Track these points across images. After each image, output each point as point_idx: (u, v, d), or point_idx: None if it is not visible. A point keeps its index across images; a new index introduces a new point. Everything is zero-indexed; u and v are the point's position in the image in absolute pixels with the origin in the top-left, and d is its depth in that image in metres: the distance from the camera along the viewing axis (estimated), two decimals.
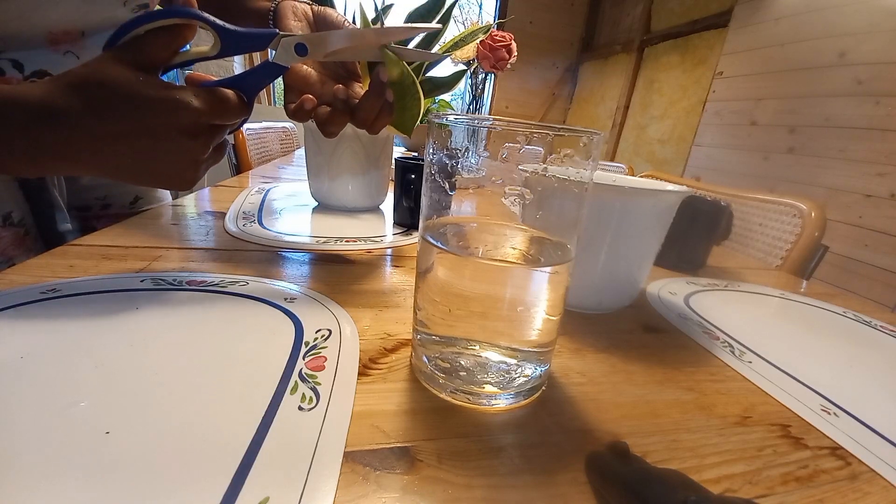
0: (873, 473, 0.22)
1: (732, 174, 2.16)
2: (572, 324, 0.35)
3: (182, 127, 0.28)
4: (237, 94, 0.31)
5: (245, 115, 0.32)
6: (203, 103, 0.28)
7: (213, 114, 0.29)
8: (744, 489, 0.20)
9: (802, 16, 1.89)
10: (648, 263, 0.39)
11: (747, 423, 0.25)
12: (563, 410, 0.24)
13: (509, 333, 0.25)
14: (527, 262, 0.25)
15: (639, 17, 2.93)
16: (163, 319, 0.28)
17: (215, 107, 0.29)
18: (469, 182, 0.23)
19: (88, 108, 0.26)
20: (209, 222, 0.52)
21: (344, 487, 0.17)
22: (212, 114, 0.29)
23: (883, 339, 0.41)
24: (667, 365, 0.31)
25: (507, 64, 1.19)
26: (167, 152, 0.28)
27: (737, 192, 0.94)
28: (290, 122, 1.71)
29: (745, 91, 2.13)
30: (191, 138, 0.29)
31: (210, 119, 0.29)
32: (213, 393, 0.22)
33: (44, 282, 0.31)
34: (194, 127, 0.28)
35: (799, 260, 0.75)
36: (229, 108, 0.30)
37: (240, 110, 0.31)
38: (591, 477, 0.19)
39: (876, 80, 1.60)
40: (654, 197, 0.35)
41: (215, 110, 0.29)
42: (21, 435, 0.18)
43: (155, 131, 0.27)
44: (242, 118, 0.32)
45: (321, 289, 0.36)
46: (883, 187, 1.56)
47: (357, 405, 0.22)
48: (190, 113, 0.27)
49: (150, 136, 0.27)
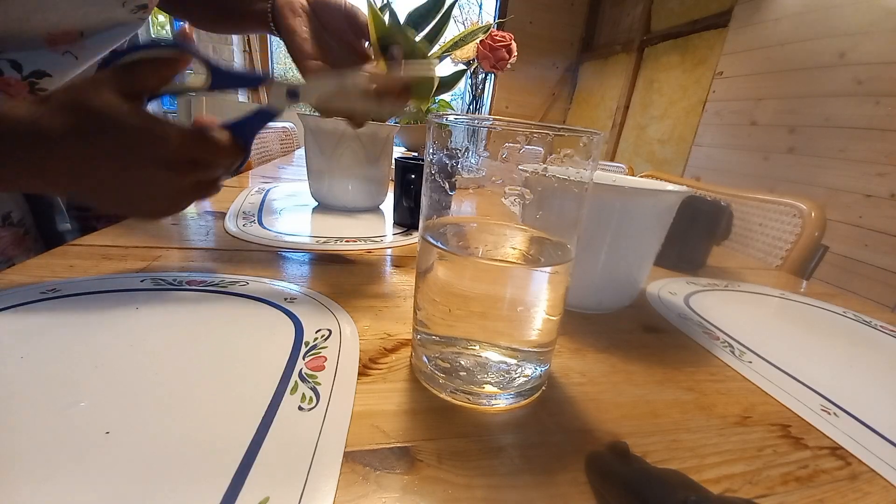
0: (873, 473, 0.22)
1: (732, 174, 2.16)
2: (572, 324, 0.35)
3: (159, 159, 0.28)
4: (230, 137, 0.31)
5: (238, 157, 0.32)
6: (185, 139, 0.28)
7: (195, 151, 0.29)
8: (744, 489, 0.20)
9: (802, 16, 1.89)
10: (648, 263, 0.39)
11: (747, 423, 0.25)
12: (563, 410, 0.24)
13: (509, 333, 0.25)
14: (527, 262, 0.25)
15: (639, 17, 2.93)
16: (163, 319, 0.28)
17: (198, 145, 0.29)
18: (469, 182, 0.23)
19: (71, 131, 0.26)
20: (209, 222, 0.52)
21: (344, 487, 0.17)
22: (193, 151, 0.29)
23: (883, 339, 0.41)
24: (667, 365, 0.31)
25: (507, 64, 1.19)
26: (141, 182, 0.29)
27: (737, 192, 0.94)
28: (290, 122, 1.71)
29: (745, 91, 2.13)
30: (167, 171, 0.29)
31: (191, 155, 0.29)
32: (213, 393, 0.22)
33: (44, 282, 0.31)
34: (172, 161, 0.28)
35: (799, 260, 0.75)
36: (216, 148, 0.30)
37: (231, 152, 0.31)
38: (591, 477, 0.19)
39: (876, 80, 1.60)
40: (654, 197, 0.35)
41: (198, 148, 0.29)
42: (21, 435, 0.18)
43: (132, 160, 0.28)
44: (237, 160, 0.33)
45: (321, 289, 0.36)
46: (883, 187, 1.56)
47: (357, 405, 0.22)
48: (169, 146, 0.28)
49: (126, 163, 0.28)
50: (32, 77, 0.38)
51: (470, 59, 1.22)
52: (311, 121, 0.60)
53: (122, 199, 0.30)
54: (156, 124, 0.27)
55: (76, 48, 0.39)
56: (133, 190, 0.29)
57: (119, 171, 0.28)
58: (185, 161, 0.29)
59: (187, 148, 0.29)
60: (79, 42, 0.39)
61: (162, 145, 0.27)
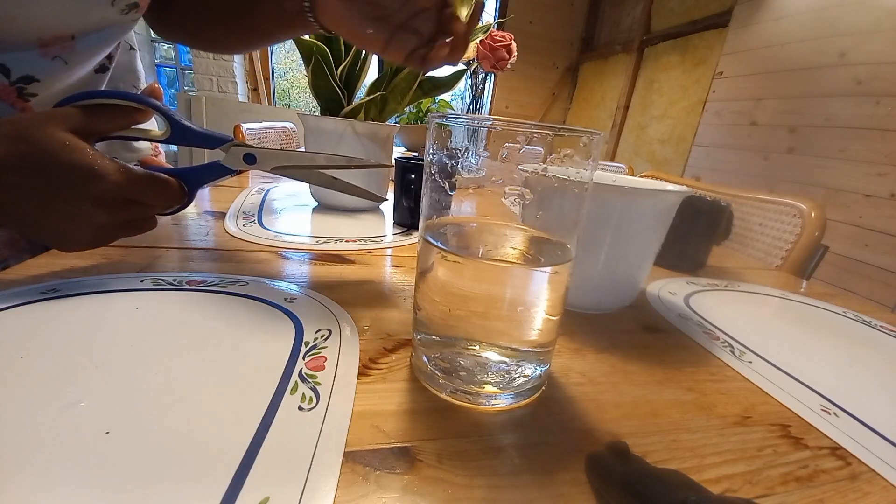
0: (873, 473, 0.22)
1: (732, 174, 2.16)
2: (572, 324, 0.35)
3: (90, 195, 0.28)
4: (177, 182, 0.33)
5: (180, 202, 0.34)
6: (123, 179, 0.29)
7: (132, 192, 0.30)
8: (744, 489, 0.20)
9: (802, 16, 1.89)
10: (648, 263, 0.39)
11: (747, 423, 0.25)
12: (563, 410, 0.24)
13: (509, 333, 0.25)
14: (527, 262, 0.25)
15: (639, 17, 2.93)
16: (163, 319, 0.28)
17: (137, 187, 0.30)
18: (469, 182, 0.23)
19: (8, 159, 0.27)
20: (209, 222, 0.52)
21: (344, 487, 0.17)
22: (130, 191, 0.30)
23: (883, 339, 0.41)
24: (667, 365, 0.31)
25: (507, 64, 1.19)
26: (69, 216, 0.29)
27: (737, 192, 0.94)
28: (290, 122, 1.71)
29: (745, 91, 2.13)
30: (97, 208, 0.29)
31: (126, 195, 0.30)
32: (213, 393, 0.22)
33: (44, 282, 0.31)
34: (104, 199, 0.29)
35: (799, 260, 0.75)
36: (157, 191, 0.32)
37: (173, 196, 0.33)
38: (591, 477, 0.19)
39: (876, 80, 1.60)
40: (654, 197, 0.35)
41: (136, 189, 0.30)
42: (21, 435, 0.18)
43: (63, 195, 0.28)
44: (178, 205, 0.34)
45: (321, 289, 0.36)
46: (883, 187, 1.56)
47: (357, 405, 0.22)
48: (103, 184, 0.28)
49: (56, 197, 0.28)
50: (21, 82, 0.38)
51: (470, 59, 1.22)
52: (312, 120, 0.60)
53: (45, 229, 0.30)
54: (95, 162, 0.28)
55: (67, 52, 0.38)
56: (59, 222, 0.29)
57: (48, 203, 0.28)
58: (118, 200, 0.30)
59: (123, 188, 0.29)
60: (70, 45, 0.38)
61: (97, 184, 0.28)
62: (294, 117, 2.47)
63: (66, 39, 0.38)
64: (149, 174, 0.31)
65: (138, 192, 0.31)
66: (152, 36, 3.46)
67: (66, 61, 0.39)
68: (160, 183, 0.32)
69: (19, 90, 0.38)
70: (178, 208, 0.34)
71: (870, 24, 1.63)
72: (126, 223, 0.32)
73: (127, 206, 0.31)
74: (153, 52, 3.47)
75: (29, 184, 0.28)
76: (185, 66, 3.44)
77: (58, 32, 0.37)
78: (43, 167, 0.27)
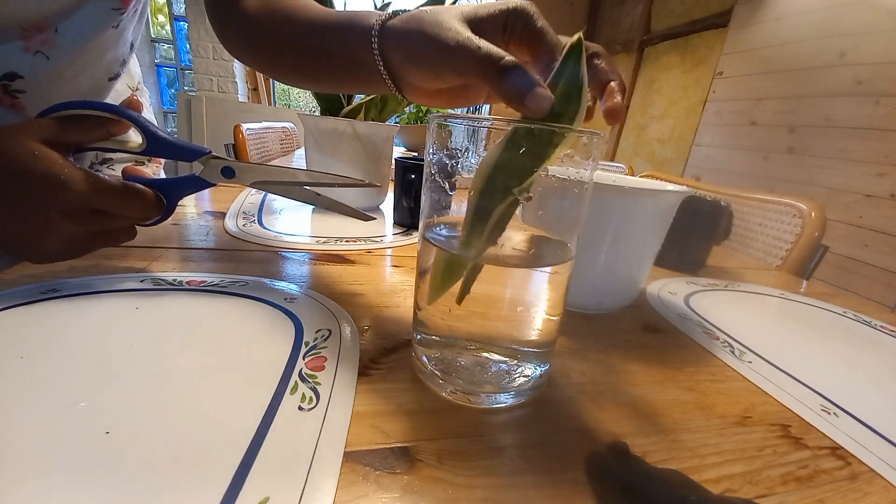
0: (873, 473, 0.22)
1: (732, 174, 2.16)
2: (572, 324, 0.35)
3: (57, 204, 0.28)
4: (153, 194, 0.32)
5: (157, 214, 0.33)
6: (90, 189, 0.29)
7: (101, 202, 0.30)
8: (744, 489, 0.20)
9: (802, 16, 1.89)
10: (648, 263, 0.39)
11: (747, 423, 0.25)
12: (563, 410, 0.24)
13: (509, 333, 0.25)
14: (527, 262, 0.25)
15: (639, 17, 2.93)
16: (163, 319, 0.28)
17: (106, 197, 0.30)
18: (469, 182, 0.23)
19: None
20: (209, 222, 0.52)
21: (344, 487, 0.17)
22: (98, 201, 0.29)
23: (883, 339, 0.41)
24: (667, 365, 0.31)
25: None
26: (34, 224, 0.29)
27: (737, 192, 0.94)
28: (290, 122, 1.71)
29: (745, 91, 2.13)
30: (62, 217, 0.28)
31: (94, 205, 0.29)
32: (213, 393, 0.22)
33: (44, 282, 0.31)
34: (70, 208, 0.28)
35: (799, 260, 0.75)
36: (128, 202, 0.31)
37: (147, 207, 0.32)
38: (591, 477, 0.19)
39: (876, 80, 1.60)
40: (654, 197, 0.35)
41: (105, 200, 0.30)
42: (21, 435, 0.18)
43: (28, 202, 0.28)
44: (156, 217, 0.33)
45: (321, 289, 0.36)
46: (883, 187, 1.56)
47: (357, 405, 0.22)
48: (71, 194, 0.28)
49: (21, 204, 0.28)
50: (5, 79, 0.38)
51: None
52: (312, 121, 0.60)
53: (12, 238, 0.30)
54: (62, 172, 0.28)
55: (48, 47, 0.38)
56: (26, 232, 0.29)
57: (14, 212, 0.28)
58: (85, 210, 0.29)
59: (90, 198, 0.29)
60: (53, 40, 0.38)
61: (63, 193, 0.28)
62: (294, 117, 2.47)
63: (48, 31, 0.37)
64: (122, 184, 0.31)
65: (107, 202, 0.30)
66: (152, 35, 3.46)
67: (48, 56, 0.39)
68: (132, 193, 0.31)
69: (5, 87, 0.38)
70: (157, 220, 0.34)
71: (870, 24, 1.63)
72: (98, 234, 0.31)
73: (96, 217, 0.30)
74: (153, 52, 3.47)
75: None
76: (185, 66, 3.45)
77: (38, 21, 0.36)
78: (10, 175, 0.27)
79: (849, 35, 1.69)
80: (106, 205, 0.30)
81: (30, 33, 0.37)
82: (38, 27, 0.37)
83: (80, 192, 0.28)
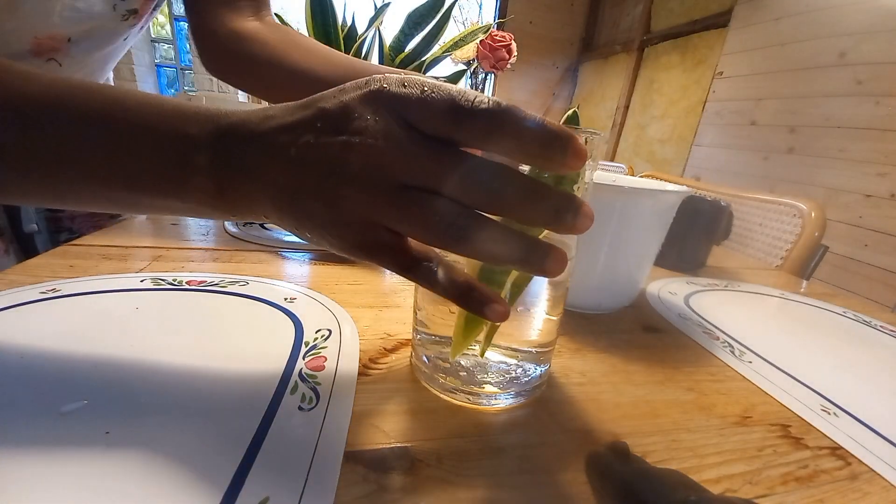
0: (873, 473, 0.22)
1: (732, 174, 2.16)
2: (572, 324, 0.35)
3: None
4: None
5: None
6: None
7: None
8: (744, 489, 0.20)
9: (802, 16, 1.89)
10: (648, 263, 0.39)
11: (747, 423, 0.25)
12: (563, 410, 0.24)
13: (509, 333, 0.25)
14: None
15: (639, 17, 2.93)
16: (163, 319, 0.28)
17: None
18: None
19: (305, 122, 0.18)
20: (209, 222, 0.52)
21: (344, 487, 0.17)
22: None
23: (883, 339, 0.41)
24: (667, 365, 0.31)
25: (507, 64, 1.19)
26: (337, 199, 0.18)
27: (737, 192, 0.94)
28: None
29: (745, 91, 2.13)
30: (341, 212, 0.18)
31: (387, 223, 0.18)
32: (213, 393, 0.22)
33: (44, 282, 0.31)
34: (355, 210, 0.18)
35: (799, 260, 0.75)
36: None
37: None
38: (591, 477, 0.19)
39: (876, 80, 1.60)
40: (654, 197, 0.35)
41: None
42: (21, 435, 0.18)
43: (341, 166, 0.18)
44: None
45: (321, 289, 0.36)
46: (883, 187, 1.56)
47: (357, 405, 0.22)
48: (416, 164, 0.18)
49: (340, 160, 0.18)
50: None
51: (470, 59, 1.21)
52: None
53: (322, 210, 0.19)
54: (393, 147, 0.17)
55: (61, 55, 0.38)
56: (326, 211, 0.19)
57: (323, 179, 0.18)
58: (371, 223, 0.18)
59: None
60: (65, 47, 0.38)
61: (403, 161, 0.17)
62: None
63: (61, 41, 0.38)
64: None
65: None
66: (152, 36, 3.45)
67: (60, 63, 0.39)
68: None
69: None
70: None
71: (870, 24, 1.63)
72: (374, 246, 0.19)
73: (390, 238, 0.19)
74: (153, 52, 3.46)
75: (315, 142, 0.18)
76: (185, 66, 3.44)
77: (54, 33, 0.37)
78: (335, 126, 0.18)
79: (849, 35, 1.69)
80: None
81: (42, 42, 0.37)
82: (52, 37, 0.37)
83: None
